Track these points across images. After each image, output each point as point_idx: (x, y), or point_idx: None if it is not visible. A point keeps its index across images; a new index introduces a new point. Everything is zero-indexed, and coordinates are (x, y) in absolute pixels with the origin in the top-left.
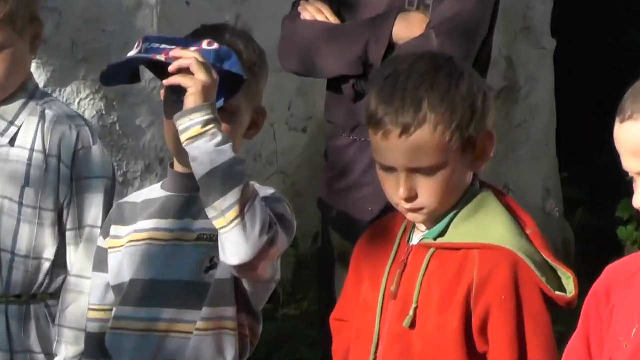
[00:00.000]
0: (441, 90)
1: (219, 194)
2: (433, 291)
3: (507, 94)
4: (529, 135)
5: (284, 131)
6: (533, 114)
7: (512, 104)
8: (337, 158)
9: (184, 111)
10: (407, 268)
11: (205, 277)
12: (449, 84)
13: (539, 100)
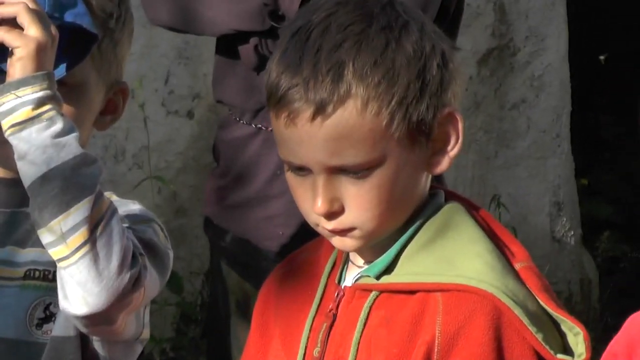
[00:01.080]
0: (374, 50)
1: (59, 208)
2: (375, 355)
3: (497, 59)
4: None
5: (160, 116)
6: (537, 90)
7: (505, 74)
8: (232, 157)
9: (6, 84)
10: (337, 321)
11: (36, 333)
12: (386, 41)
13: (546, 68)
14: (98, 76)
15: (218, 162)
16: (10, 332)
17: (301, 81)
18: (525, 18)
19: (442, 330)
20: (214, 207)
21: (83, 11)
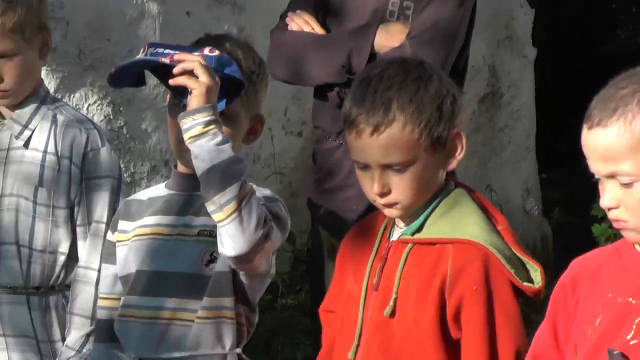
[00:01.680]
0: (410, 92)
1: (218, 189)
2: (411, 283)
3: (490, 100)
4: (510, 139)
5: (281, 135)
6: (515, 119)
7: (495, 110)
8: (324, 161)
9: (187, 111)
10: (387, 262)
11: (205, 270)
12: (418, 86)
13: (521, 106)
14: (245, 111)
15: (315, 164)
16: (189, 268)
17: (364, 112)
18: (508, 75)
19: (452, 268)
20: (313, 192)
21: (236, 69)
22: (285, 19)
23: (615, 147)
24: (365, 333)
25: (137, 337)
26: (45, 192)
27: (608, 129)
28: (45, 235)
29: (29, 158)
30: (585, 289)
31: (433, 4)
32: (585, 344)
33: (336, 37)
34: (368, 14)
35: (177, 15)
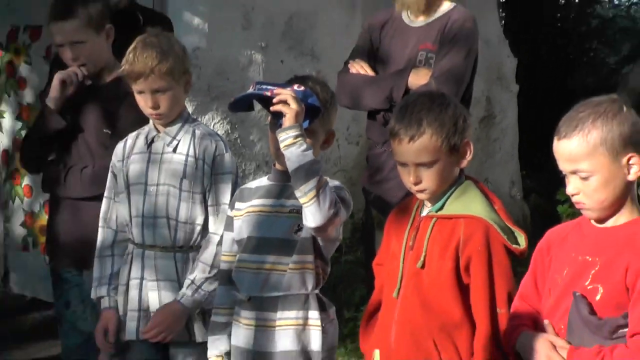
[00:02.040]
0: (434, 114)
1: (304, 181)
2: (435, 245)
3: (486, 121)
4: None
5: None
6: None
7: (490, 127)
8: (373, 162)
9: (282, 128)
10: (419, 231)
11: (294, 236)
12: (440, 110)
13: (507, 125)
14: (321, 128)
15: (368, 164)
16: (283, 235)
17: (403, 127)
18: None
19: (463, 235)
20: (366, 183)
21: (315, 99)
22: (347, 64)
23: (576, 152)
24: (404, 279)
25: (248, 282)
26: (187, 182)
27: (572, 139)
28: (186, 212)
29: (176, 159)
30: (556, 250)
31: (448, 56)
32: (556, 288)
33: (382, 78)
34: (404, 62)
35: (275, 63)
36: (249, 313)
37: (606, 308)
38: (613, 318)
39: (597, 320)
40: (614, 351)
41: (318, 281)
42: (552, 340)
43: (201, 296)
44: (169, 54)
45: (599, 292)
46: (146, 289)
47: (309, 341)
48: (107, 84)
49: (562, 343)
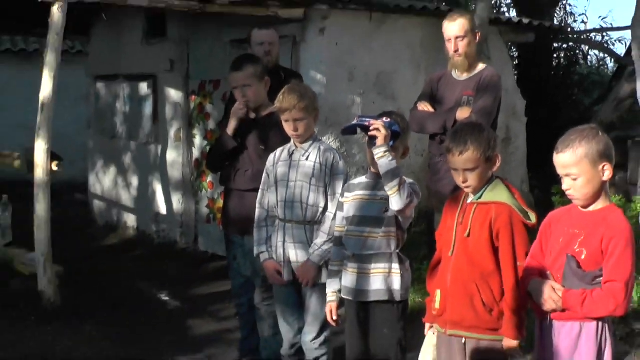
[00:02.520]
0: (475, 136)
1: (390, 180)
2: (476, 222)
3: (506, 142)
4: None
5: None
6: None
7: (507, 145)
8: (433, 167)
9: (376, 146)
10: (466, 212)
11: (383, 214)
12: (479, 134)
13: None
14: (401, 145)
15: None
16: (376, 214)
17: (455, 145)
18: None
19: (494, 215)
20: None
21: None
22: (416, 104)
23: (569, 162)
24: (456, 244)
25: (352, 244)
26: (314, 179)
27: (566, 153)
28: (313, 199)
29: (308, 165)
30: (555, 226)
31: (482, 99)
32: (555, 251)
33: (439, 113)
34: (453, 103)
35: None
36: (353, 265)
37: (588, 265)
38: (593, 271)
39: (583, 272)
40: (593, 293)
41: (398, 244)
42: (552, 285)
43: (323, 253)
44: (305, 96)
45: (584, 254)
46: (287, 248)
47: (392, 283)
48: (263, 117)
49: (558, 287)
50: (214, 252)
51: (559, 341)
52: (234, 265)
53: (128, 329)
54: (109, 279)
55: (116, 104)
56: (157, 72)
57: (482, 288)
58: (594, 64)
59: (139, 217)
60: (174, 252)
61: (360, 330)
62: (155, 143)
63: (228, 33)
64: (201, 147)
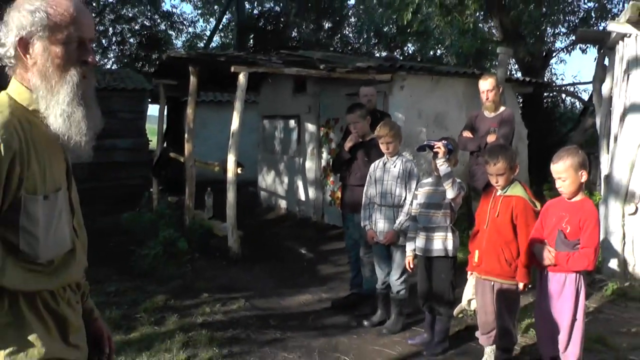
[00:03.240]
0: (503, 153)
1: (447, 180)
2: (502, 207)
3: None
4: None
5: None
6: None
7: None
8: (472, 172)
9: (438, 158)
10: (496, 201)
11: (442, 201)
12: (506, 150)
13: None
14: (453, 158)
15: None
16: (438, 201)
17: (491, 159)
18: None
19: (514, 204)
20: (468, 180)
21: (450, 146)
22: (461, 132)
23: (560, 169)
24: (489, 221)
25: (422, 220)
26: (399, 179)
27: (558, 164)
28: (398, 192)
29: (395, 170)
30: (550, 210)
31: (503, 130)
32: (549, 227)
33: (476, 138)
34: (484, 132)
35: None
36: (423, 233)
37: (571, 236)
38: (574, 240)
39: (568, 241)
40: (574, 254)
41: (451, 220)
42: (548, 249)
43: (403, 226)
44: (393, 128)
45: (568, 229)
46: (379, 223)
47: (447, 245)
48: (367, 140)
49: (552, 250)
50: (334, 224)
51: (552, 285)
52: (347, 232)
53: (281, 270)
54: (270, 239)
55: (275, 132)
56: (300, 113)
57: (505, 250)
58: (568, 105)
59: (288, 201)
60: (309, 224)
61: (426, 275)
62: (298, 156)
63: (344, 89)
64: (326, 159)
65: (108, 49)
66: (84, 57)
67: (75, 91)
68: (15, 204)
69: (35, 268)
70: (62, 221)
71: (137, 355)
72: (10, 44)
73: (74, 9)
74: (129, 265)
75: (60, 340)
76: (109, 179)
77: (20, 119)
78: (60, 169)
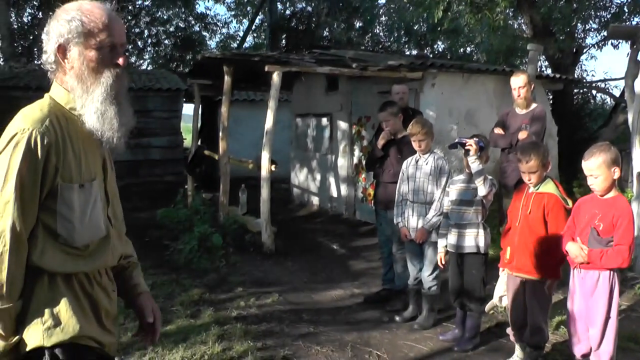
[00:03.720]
0: (535, 149)
1: (478, 177)
2: (535, 204)
3: None
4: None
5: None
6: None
7: None
8: (502, 168)
9: (469, 156)
10: (528, 198)
11: (474, 198)
12: (539, 148)
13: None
14: (484, 155)
15: (500, 169)
16: (470, 198)
17: (522, 156)
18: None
19: (547, 200)
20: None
21: (482, 143)
22: (493, 129)
23: (592, 166)
24: (521, 218)
25: (454, 216)
26: (430, 177)
27: (590, 161)
28: (430, 189)
29: (427, 167)
30: (583, 207)
31: (534, 126)
32: (582, 225)
33: (507, 135)
34: (516, 128)
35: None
36: (455, 230)
37: (605, 233)
38: (607, 237)
39: (600, 238)
40: (607, 251)
41: (483, 217)
42: (580, 246)
43: (433, 223)
44: (425, 125)
45: (601, 226)
46: (411, 219)
47: (479, 241)
48: (400, 138)
49: (585, 247)
50: (365, 220)
51: (584, 283)
52: (380, 228)
53: (313, 265)
54: (302, 235)
55: (308, 131)
56: (333, 112)
57: (537, 247)
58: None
59: (320, 198)
60: (341, 220)
61: (458, 271)
62: (331, 154)
63: (376, 87)
64: (358, 156)
65: (144, 50)
66: (115, 59)
67: (109, 91)
68: (53, 192)
69: (72, 252)
70: (97, 209)
71: (173, 347)
72: (51, 51)
73: (106, 16)
74: (165, 259)
75: (94, 321)
76: (145, 176)
77: (58, 116)
78: (95, 161)
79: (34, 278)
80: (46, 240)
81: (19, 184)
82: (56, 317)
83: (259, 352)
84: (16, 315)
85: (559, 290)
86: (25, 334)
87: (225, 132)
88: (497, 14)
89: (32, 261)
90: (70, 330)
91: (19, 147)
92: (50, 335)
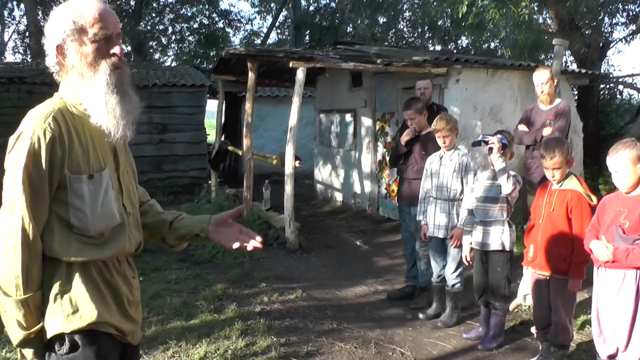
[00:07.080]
0: (559, 146)
1: (502, 174)
2: (557, 201)
3: None
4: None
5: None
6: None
7: None
8: (527, 165)
9: (492, 154)
10: (552, 195)
11: (499, 195)
12: (562, 145)
13: (578, 150)
14: (508, 152)
15: (525, 166)
16: (495, 195)
17: (546, 153)
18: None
19: (569, 197)
20: (525, 173)
21: (505, 140)
22: (517, 126)
23: (617, 163)
24: (545, 215)
25: (479, 214)
26: (455, 173)
27: (614, 157)
28: (455, 185)
29: (451, 164)
30: (608, 205)
31: (559, 122)
32: (606, 222)
33: (532, 131)
34: (540, 125)
35: (485, 126)
36: (480, 227)
37: (630, 232)
38: (633, 236)
39: (626, 236)
40: (633, 250)
41: (507, 214)
42: (605, 244)
43: (461, 221)
44: (450, 121)
45: (627, 224)
46: (435, 216)
47: (505, 238)
48: (424, 134)
49: (610, 246)
50: (389, 216)
51: (609, 282)
52: (404, 224)
53: (337, 261)
54: (326, 231)
55: (331, 127)
56: (356, 107)
57: (560, 245)
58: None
59: (344, 194)
60: (364, 216)
61: (482, 268)
62: (354, 150)
63: (400, 83)
64: (382, 152)
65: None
66: (111, 49)
67: (108, 81)
68: (63, 184)
69: (87, 240)
70: (109, 197)
71: (197, 341)
72: (52, 53)
73: (96, 9)
74: (189, 254)
75: (115, 309)
76: (169, 171)
77: (64, 112)
78: (105, 151)
79: (53, 268)
80: (61, 230)
81: (26, 179)
82: (74, 304)
83: (282, 347)
84: (36, 305)
85: (584, 290)
86: (47, 322)
87: (249, 128)
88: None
89: (49, 251)
90: (89, 317)
91: (24, 145)
92: (69, 322)
